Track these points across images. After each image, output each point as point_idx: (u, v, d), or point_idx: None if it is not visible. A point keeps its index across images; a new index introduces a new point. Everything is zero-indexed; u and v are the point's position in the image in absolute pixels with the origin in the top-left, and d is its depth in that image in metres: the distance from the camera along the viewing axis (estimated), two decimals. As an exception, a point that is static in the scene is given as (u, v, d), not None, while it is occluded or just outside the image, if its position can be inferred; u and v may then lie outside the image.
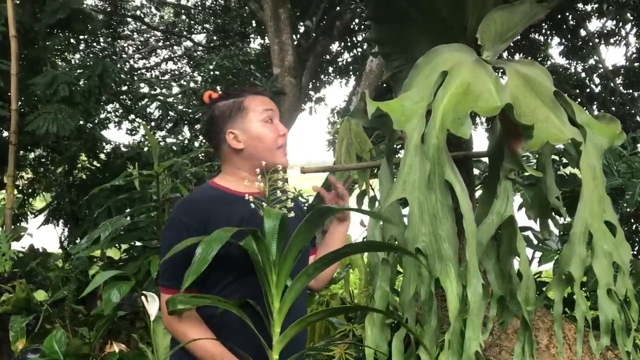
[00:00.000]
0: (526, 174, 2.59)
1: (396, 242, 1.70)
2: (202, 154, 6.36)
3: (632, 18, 7.37)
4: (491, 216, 1.63)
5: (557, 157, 3.15)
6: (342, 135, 2.49)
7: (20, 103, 4.97)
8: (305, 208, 2.02)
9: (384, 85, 6.39)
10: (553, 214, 2.01)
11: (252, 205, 1.45)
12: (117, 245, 3.41)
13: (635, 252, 5.33)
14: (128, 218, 3.02)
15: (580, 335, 1.57)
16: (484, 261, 1.75)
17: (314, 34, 7.06)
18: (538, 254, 3.05)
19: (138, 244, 3.16)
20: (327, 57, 8.93)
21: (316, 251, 1.97)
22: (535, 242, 2.92)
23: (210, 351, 1.52)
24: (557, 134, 1.59)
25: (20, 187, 7.31)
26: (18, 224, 6.18)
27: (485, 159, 2.85)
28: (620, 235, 1.69)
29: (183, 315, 1.53)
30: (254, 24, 7.90)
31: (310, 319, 1.48)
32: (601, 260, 1.60)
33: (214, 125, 1.72)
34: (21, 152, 6.81)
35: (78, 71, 5.48)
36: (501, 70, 1.91)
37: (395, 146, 3.13)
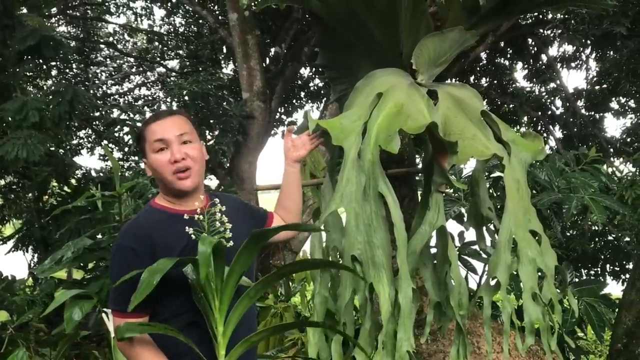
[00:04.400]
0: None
1: (338, 252, 1.81)
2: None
3: (589, 43, 7.66)
4: (424, 226, 1.76)
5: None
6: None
7: (-11, 129, 5.02)
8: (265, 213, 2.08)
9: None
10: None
11: (192, 230, 1.51)
12: (82, 265, 3.45)
13: (599, 269, 5.50)
14: (97, 237, 3.07)
15: (507, 334, 1.69)
16: (421, 269, 1.87)
17: (282, 60, 7.23)
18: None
19: (101, 264, 3.22)
20: (299, 82, 9.10)
21: (272, 217, 2.02)
22: (484, 255, 3.04)
23: None
24: (482, 150, 1.73)
25: (-11, 214, 7.29)
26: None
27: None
28: (545, 243, 1.83)
29: (134, 339, 1.57)
30: (225, 50, 8.06)
31: (254, 339, 1.53)
32: (526, 267, 1.73)
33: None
34: (-9, 178, 6.81)
35: (49, 97, 5.53)
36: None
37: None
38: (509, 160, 1.77)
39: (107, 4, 9.42)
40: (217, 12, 7.93)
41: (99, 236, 3.28)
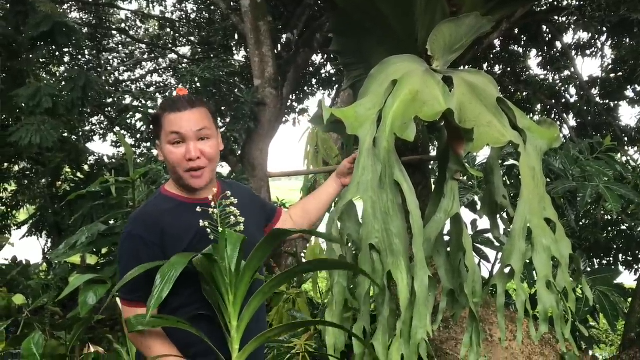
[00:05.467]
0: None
1: (351, 240, 1.81)
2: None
3: (605, 30, 7.55)
4: (439, 214, 1.75)
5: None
6: (308, 142, 2.61)
7: (3, 115, 5.05)
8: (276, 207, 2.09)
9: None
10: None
11: (208, 223, 1.49)
12: (95, 251, 3.48)
13: (611, 259, 5.47)
14: (111, 222, 3.10)
15: (520, 322, 1.69)
16: (435, 257, 1.87)
17: (294, 46, 7.20)
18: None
19: (114, 249, 3.24)
20: (310, 69, 9.06)
21: (281, 212, 2.04)
22: (497, 243, 3.04)
23: None
24: (498, 137, 1.72)
25: (3, 200, 7.36)
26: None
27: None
28: (560, 231, 1.81)
29: (145, 330, 1.56)
30: (237, 37, 8.03)
31: (269, 335, 1.53)
32: (540, 254, 1.72)
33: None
34: (5, 164, 6.88)
35: (62, 84, 5.55)
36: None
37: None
38: (524, 148, 1.75)
39: (119, -10, 9.41)
40: (228, -1, 7.90)
41: (113, 222, 3.30)
